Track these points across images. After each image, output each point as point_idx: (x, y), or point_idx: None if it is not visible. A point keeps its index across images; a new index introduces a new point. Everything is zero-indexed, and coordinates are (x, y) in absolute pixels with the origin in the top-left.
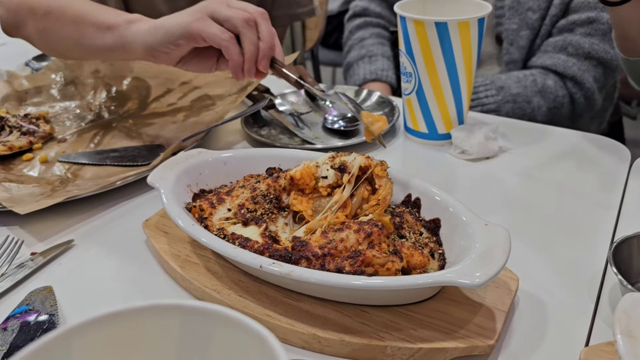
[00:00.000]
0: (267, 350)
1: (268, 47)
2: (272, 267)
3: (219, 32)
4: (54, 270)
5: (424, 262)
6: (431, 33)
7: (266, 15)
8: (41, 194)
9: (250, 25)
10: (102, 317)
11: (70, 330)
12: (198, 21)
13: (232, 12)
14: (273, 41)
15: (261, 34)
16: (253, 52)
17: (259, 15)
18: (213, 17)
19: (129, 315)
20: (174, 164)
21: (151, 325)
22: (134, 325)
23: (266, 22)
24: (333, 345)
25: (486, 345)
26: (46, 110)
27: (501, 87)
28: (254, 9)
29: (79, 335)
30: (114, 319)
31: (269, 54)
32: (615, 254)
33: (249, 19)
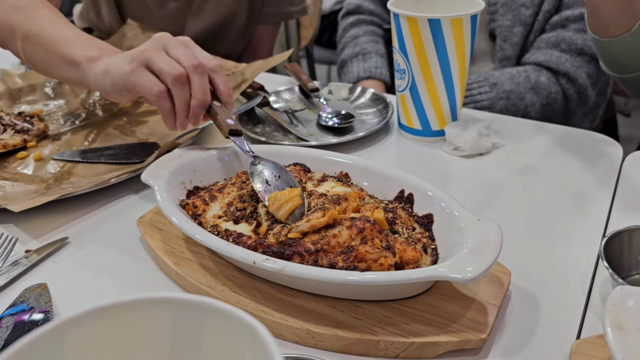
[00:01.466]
0: (259, 342)
1: (198, 104)
2: (266, 263)
3: (149, 86)
4: (49, 268)
5: (416, 258)
6: (424, 30)
7: (202, 68)
8: (35, 192)
9: (180, 82)
10: (95, 310)
11: (62, 324)
12: (133, 73)
13: (164, 66)
14: (204, 97)
15: (193, 90)
16: (182, 109)
17: (193, 69)
18: (148, 68)
19: (122, 309)
20: (168, 161)
21: (144, 318)
22: (126, 319)
23: (199, 77)
24: (326, 340)
25: (478, 339)
26: (40, 108)
27: (494, 83)
28: (189, 62)
29: (71, 329)
30: (107, 312)
31: (197, 111)
32: (606, 249)
33: (179, 76)
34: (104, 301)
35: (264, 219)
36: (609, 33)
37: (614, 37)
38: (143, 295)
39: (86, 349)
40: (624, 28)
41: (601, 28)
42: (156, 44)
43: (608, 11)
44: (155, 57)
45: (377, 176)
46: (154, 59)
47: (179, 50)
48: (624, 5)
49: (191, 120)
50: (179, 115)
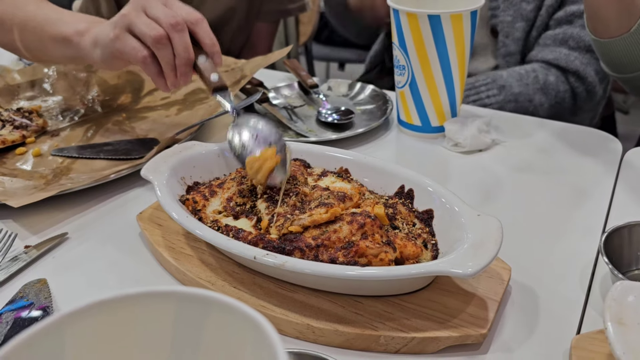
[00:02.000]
0: (261, 336)
1: (182, 63)
2: (266, 258)
3: (134, 51)
4: (48, 263)
5: (417, 253)
6: (424, 26)
7: (180, 25)
8: (35, 187)
9: (161, 43)
10: (95, 304)
11: (63, 318)
12: (117, 40)
13: (144, 28)
14: (187, 55)
15: (175, 49)
16: (169, 69)
17: (171, 28)
18: (130, 31)
19: (123, 302)
20: (167, 156)
21: (145, 312)
22: (127, 313)
23: (179, 35)
24: (327, 335)
25: (479, 334)
26: (39, 104)
27: (502, 86)
28: (167, 21)
29: (71, 323)
30: (108, 306)
31: (184, 70)
32: (606, 244)
33: (159, 37)
34: (104, 295)
35: (265, 213)
36: (609, 33)
37: (614, 37)
38: (144, 288)
39: (87, 343)
40: (624, 28)
41: (601, 28)
42: (135, 5)
43: (608, 11)
44: (134, 19)
45: (377, 172)
46: (133, 21)
47: (157, 10)
48: (624, 5)
49: (181, 79)
50: (167, 76)
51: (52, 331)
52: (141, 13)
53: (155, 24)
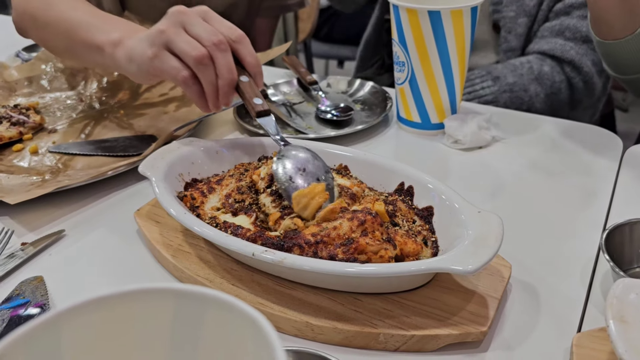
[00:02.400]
0: (260, 334)
1: (225, 84)
2: (265, 255)
3: (174, 71)
4: (45, 261)
5: (417, 250)
6: (424, 22)
7: (224, 44)
8: (32, 184)
9: (203, 64)
10: (92, 300)
11: (60, 314)
12: (156, 59)
13: (185, 46)
14: (230, 76)
15: (217, 69)
16: (211, 90)
17: (215, 48)
18: (169, 50)
19: (120, 299)
20: (165, 153)
21: (143, 309)
22: (125, 310)
23: (223, 55)
24: (326, 333)
25: (479, 332)
26: (36, 100)
27: (497, 77)
28: (209, 40)
29: (68, 319)
30: (105, 303)
31: (227, 91)
32: (607, 241)
33: (201, 58)
34: (102, 291)
35: (272, 206)
36: (613, 35)
37: (618, 39)
38: (142, 285)
39: (84, 340)
40: (628, 30)
41: (605, 30)
42: (174, 21)
43: (612, 13)
44: (174, 37)
45: (377, 168)
46: (173, 39)
47: (198, 27)
48: (628, 7)
49: (222, 100)
50: (209, 97)
51: (48, 328)
52: (181, 30)
53: (196, 42)
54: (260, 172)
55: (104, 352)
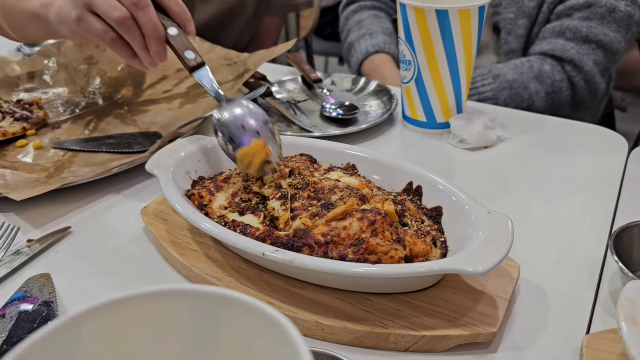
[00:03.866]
0: (283, 336)
1: (154, 42)
2: (275, 255)
3: (100, 34)
4: (51, 257)
5: (426, 250)
6: (431, 21)
7: (143, 1)
8: (37, 181)
9: (126, 25)
10: (112, 302)
11: (79, 316)
12: (80, 22)
13: (106, 8)
14: (156, 33)
15: (143, 29)
16: (140, 49)
17: (134, 7)
18: (92, 11)
19: (139, 301)
20: (172, 150)
21: (161, 310)
22: (144, 311)
23: (143, 12)
24: (336, 333)
25: (489, 332)
26: (39, 96)
27: (497, 75)
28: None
29: (89, 320)
30: (124, 304)
31: (157, 48)
32: (615, 242)
33: (123, 19)
34: (121, 293)
35: (282, 209)
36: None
37: None
38: (161, 286)
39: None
40: None
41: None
42: None
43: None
44: None
45: (385, 168)
46: (94, 1)
47: None
48: None
49: (155, 58)
50: (140, 56)
51: (68, 329)
52: None
53: (116, 2)
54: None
55: (122, 353)
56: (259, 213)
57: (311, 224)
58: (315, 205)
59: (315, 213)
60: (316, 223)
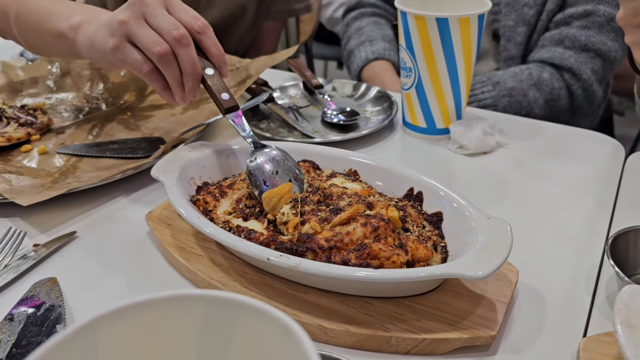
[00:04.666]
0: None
1: (190, 79)
2: (280, 260)
3: (137, 64)
4: (57, 262)
5: (427, 255)
6: (432, 28)
7: (186, 39)
8: (42, 186)
9: (166, 60)
10: (128, 306)
11: (97, 320)
12: (118, 50)
13: (146, 42)
14: (194, 71)
15: (182, 65)
16: (176, 86)
17: (176, 43)
18: (130, 42)
19: (154, 305)
20: (177, 156)
21: (174, 315)
22: (157, 315)
23: (185, 50)
24: (338, 336)
25: (488, 335)
26: (42, 101)
27: (497, 82)
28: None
29: (106, 325)
30: (139, 309)
31: (192, 85)
32: (612, 247)
33: (164, 54)
34: (137, 298)
35: (291, 213)
36: None
37: None
38: (175, 291)
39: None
40: None
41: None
42: (135, 11)
43: None
44: (135, 30)
45: (387, 174)
46: (135, 32)
47: (160, 19)
48: None
49: (189, 94)
50: (174, 91)
51: (86, 333)
52: (142, 21)
53: (158, 37)
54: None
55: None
56: (263, 219)
57: (319, 228)
58: (324, 210)
59: (325, 218)
60: (324, 228)
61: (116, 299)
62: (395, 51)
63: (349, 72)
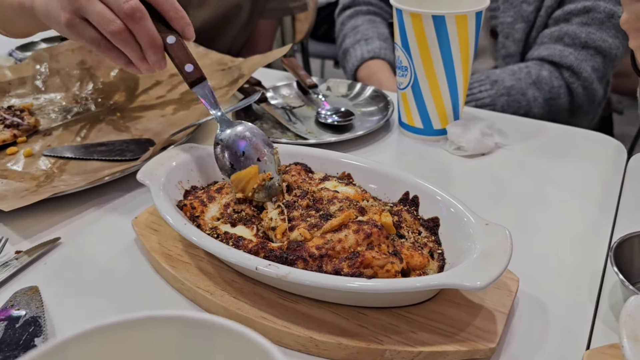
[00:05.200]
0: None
1: (151, 52)
2: (269, 269)
3: (94, 43)
4: (40, 270)
5: (423, 264)
6: (428, 26)
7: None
8: (26, 190)
9: (121, 38)
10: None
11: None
12: (71, 27)
13: (98, 20)
14: (152, 42)
15: (139, 40)
16: (137, 59)
17: (128, 19)
18: (83, 16)
19: (127, 327)
20: (164, 159)
21: (149, 336)
22: (131, 337)
23: (140, 25)
24: (330, 349)
25: (487, 348)
26: (30, 102)
27: (495, 81)
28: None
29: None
30: (111, 331)
31: (155, 58)
32: (616, 254)
33: (117, 32)
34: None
35: (280, 219)
36: None
37: None
38: (149, 313)
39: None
40: None
41: None
42: None
43: None
44: (85, 5)
45: (381, 177)
46: (84, 7)
47: None
48: None
49: (155, 67)
50: (138, 66)
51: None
52: None
53: (109, 12)
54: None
55: None
56: (252, 225)
57: (309, 235)
58: (314, 215)
59: (314, 224)
60: (314, 234)
61: (100, 309)
62: (391, 50)
63: (345, 71)
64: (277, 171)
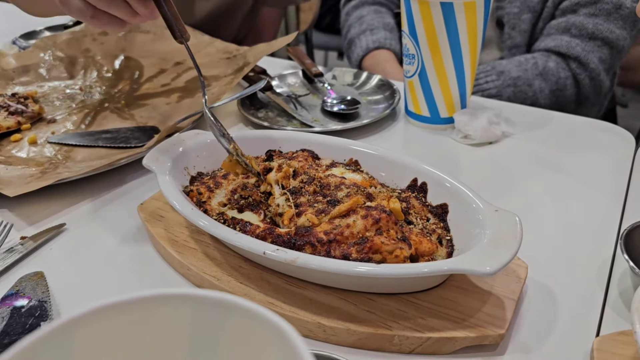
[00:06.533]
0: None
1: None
2: (277, 254)
3: (82, 14)
4: (45, 255)
5: (432, 249)
6: (436, 13)
7: None
8: (31, 176)
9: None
10: (107, 306)
11: (70, 322)
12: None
13: None
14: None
15: None
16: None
17: None
18: None
19: (137, 305)
20: (170, 145)
21: (160, 315)
22: (141, 316)
23: None
24: (339, 334)
25: (497, 334)
26: (34, 89)
27: (501, 71)
28: None
29: (80, 327)
30: (120, 309)
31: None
32: (626, 241)
33: None
34: (117, 297)
35: (287, 205)
36: None
37: None
38: (160, 290)
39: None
40: None
41: None
42: None
43: None
44: None
45: (389, 164)
46: None
47: None
48: None
49: (148, 17)
50: (130, 22)
51: (59, 336)
52: None
53: None
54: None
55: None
56: (259, 211)
57: (317, 220)
58: (321, 201)
59: (322, 210)
60: (322, 220)
61: (105, 294)
62: (397, 40)
63: (350, 61)
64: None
